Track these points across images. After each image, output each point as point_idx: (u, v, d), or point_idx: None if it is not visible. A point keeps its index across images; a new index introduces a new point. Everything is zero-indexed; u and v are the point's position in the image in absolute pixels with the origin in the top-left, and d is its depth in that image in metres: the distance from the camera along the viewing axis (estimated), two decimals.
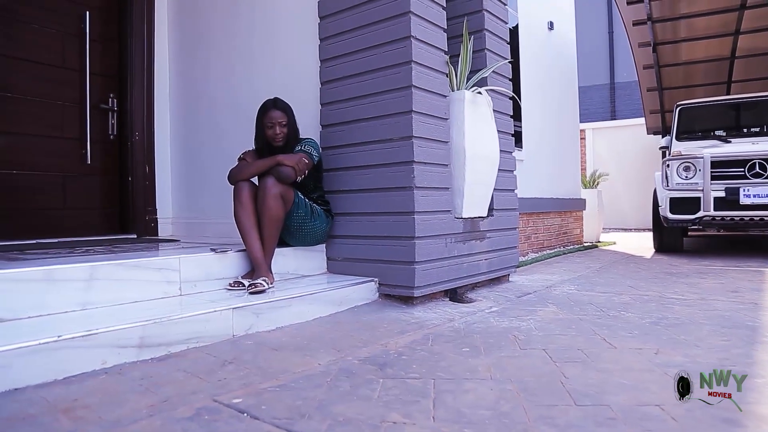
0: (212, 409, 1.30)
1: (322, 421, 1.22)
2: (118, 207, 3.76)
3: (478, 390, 1.43)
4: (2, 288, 1.72)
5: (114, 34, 3.73)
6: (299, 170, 2.37)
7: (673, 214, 4.41)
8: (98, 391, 1.42)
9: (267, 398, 1.37)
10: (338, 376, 1.54)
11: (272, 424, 1.21)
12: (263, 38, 3.21)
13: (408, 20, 2.41)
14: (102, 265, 1.96)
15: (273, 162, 2.36)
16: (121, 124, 3.71)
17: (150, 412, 1.28)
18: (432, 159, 2.51)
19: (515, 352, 1.78)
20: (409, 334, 2.01)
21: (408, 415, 1.26)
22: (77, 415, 1.27)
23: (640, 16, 5.75)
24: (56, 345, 1.50)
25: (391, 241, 2.46)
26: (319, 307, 2.23)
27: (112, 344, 1.60)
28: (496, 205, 3.02)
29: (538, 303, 2.61)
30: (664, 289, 2.95)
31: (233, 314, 1.91)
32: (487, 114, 2.79)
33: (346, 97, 2.64)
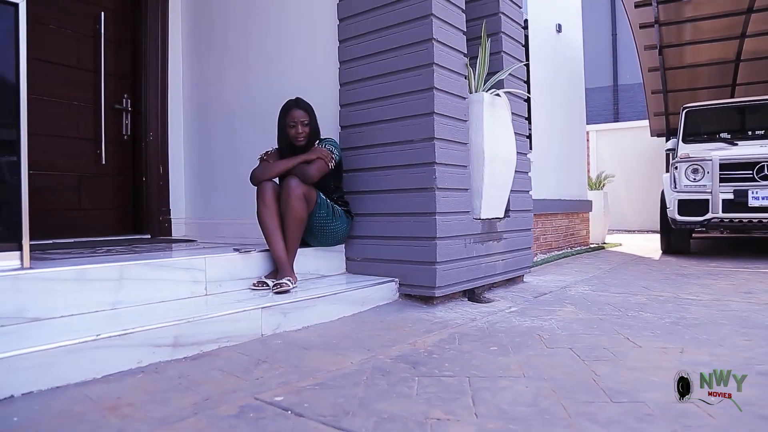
0: (255, 407, 1.32)
1: (367, 418, 1.24)
2: (132, 207, 3.77)
3: (514, 387, 1.45)
4: (38, 287, 1.73)
5: (128, 35, 3.75)
6: (321, 170, 2.39)
7: (681, 215, 4.45)
8: (139, 390, 1.44)
9: (308, 396, 1.38)
10: (373, 374, 1.56)
11: (318, 421, 1.23)
12: (279, 40, 3.23)
13: (430, 23, 2.43)
14: (131, 265, 1.97)
15: (296, 162, 2.38)
16: (135, 124, 3.73)
17: (194, 410, 1.30)
18: (452, 160, 2.53)
19: (543, 351, 1.80)
20: (436, 334, 2.03)
21: (450, 412, 1.28)
22: (123, 413, 1.28)
23: (647, 19, 5.79)
24: (95, 344, 1.52)
25: (412, 242, 2.49)
26: (343, 306, 2.25)
27: (147, 343, 1.62)
28: (512, 207, 3.05)
29: (555, 303, 2.63)
30: (678, 290, 2.98)
31: (262, 314, 1.92)
32: (505, 116, 2.81)
33: (366, 98, 2.66)
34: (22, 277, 1.71)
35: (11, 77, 1.73)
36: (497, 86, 2.89)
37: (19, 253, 1.78)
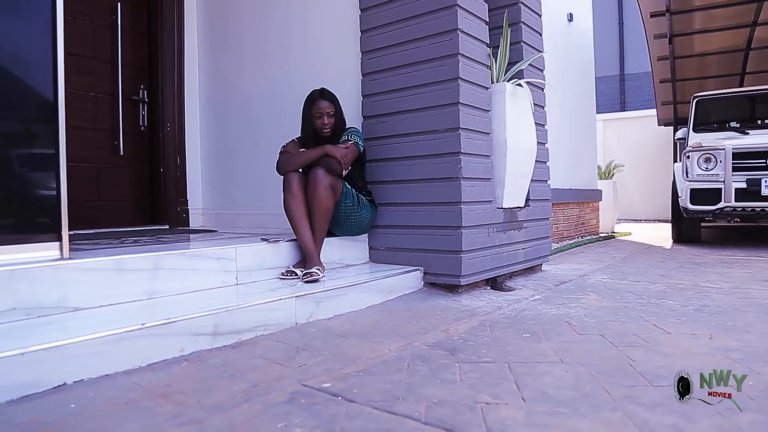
0: (305, 393, 1.35)
1: (417, 403, 1.27)
2: (149, 198, 3.79)
3: (553, 372, 1.48)
4: (78, 278, 1.76)
5: (144, 25, 3.74)
6: (346, 161, 2.41)
7: (693, 204, 4.47)
8: (186, 378, 1.47)
9: (354, 383, 1.41)
10: (414, 361, 1.59)
11: (370, 406, 1.26)
12: (299, 30, 3.23)
13: (455, 13, 2.43)
14: (165, 255, 2.00)
15: (321, 152, 2.39)
16: (151, 115, 3.73)
17: (245, 397, 1.33)
18: (476, 150, 2.55)
19: (574, 338, 1.83)
20: (466, 321, 2.06)
21: (497, 396, 1.31)
22: (176, 400, 1.31)
23: (658, 8, 5.77)
24: (140, 333, 1.54)
25: (437, 231, 2.51)
26: (372, 295, 2.28)
27: (189, 332, 1.65)
28: (532, 196, 3.07)
29: (577, 291, 2.66)
30: (696, 278, 3.01)
31: (296, 303, 1.95)
32: (526, 106, 2.82)
33: (389, 88, 2.67)
34: (64, 268, 1.74)
35: (49, 70, 1.73)
36: (517, 76, 2.90)
37: (58, 244, 1.80)
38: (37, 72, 1.74)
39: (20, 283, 1.64)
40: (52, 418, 1.22)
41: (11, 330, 1.53)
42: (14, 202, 1.76)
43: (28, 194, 1.79)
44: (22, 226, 1.77)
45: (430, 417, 1.19)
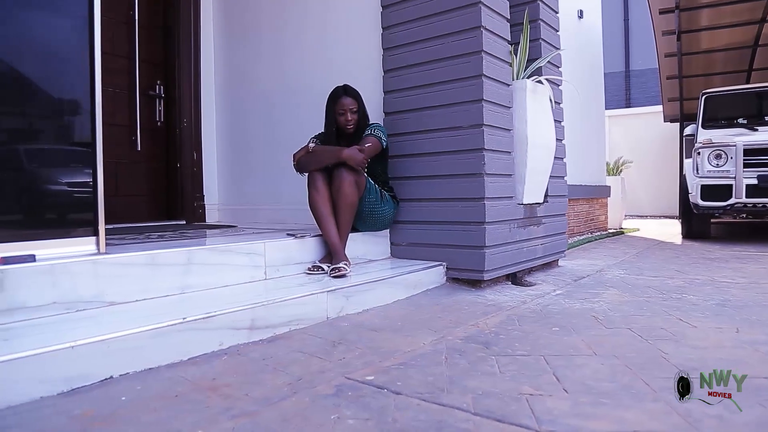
0: (350, 386, 1.37)
1: (463, 395, 1.29)
2: (165, 193, 3.80)
3: (589, 365, 1.50)
4: (114, 272, 1.78)
5: (160, 21, 3.74)
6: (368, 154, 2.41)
7: (704, 201, 4.50)
8: (229, 371, 1.49)
9: (396, 375, 1.44)
10: (450, 354, 1.61)
11: (417, 398, 1.28)
12: (318, 27, 3.24)
13: (479, 10, 2.45)
14: (197, 250, 2.02)
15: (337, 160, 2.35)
16: (168, 111, 3.74)
17: (292, 390, 1.35)
18: (498, 146, 2.57)
19: (603, 332, 1.86)
20: (494, 316, 2.09)
21: (539, 387, 1.34)
22: (224, 393, 1.33)
23: (667, 5, 5.78)
24: (181, 327, 1.56)
25: (460, 227, 2.53)
26: (398, 290, 2.30)
27: (227, 326, 1.67)
28: (550, 192, 3.09)
29: (597, 286, 2.69)
30: (712, 274, 3.04)
31: (327, 297, 1.98)
32: (546, 103, 2.85)
33: (411, 85, 2.68)
34: (101, 262, 1.76)
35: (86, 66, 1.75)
36: (536, 73, 2.92)
37: (95, 239, 1.83)
38: (74, 68, 1.76)
39: (60, 278, 1.66)
40: (106, 411, 1.23)
41: (55, 323, 1.56)
42: (53, 198, 1.78)
43: (66, 190, 1.81)
44: (61, 221, 1.80)
45: (478, 408, 1.22)
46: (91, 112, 1.78)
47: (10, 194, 1.70)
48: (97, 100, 1.78)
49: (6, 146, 1.70)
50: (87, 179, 1.80)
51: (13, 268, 1.57)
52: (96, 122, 1.78)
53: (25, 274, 1.60)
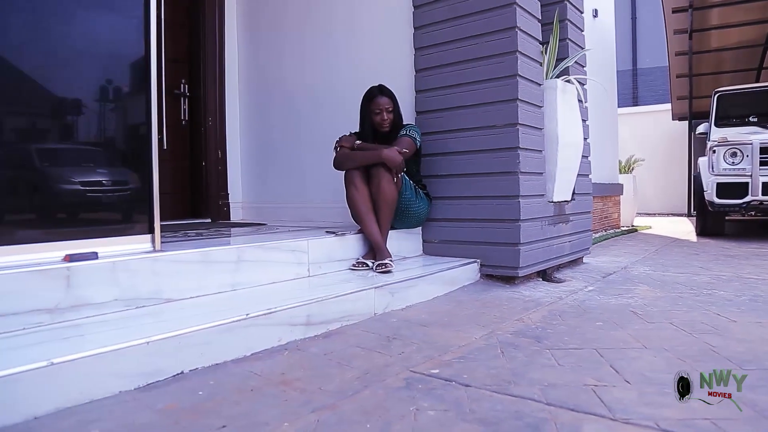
0: (418, 379, 1.41)
1: (530, 386, 1.33)
2: (189, 191, 3.83)
3: (643, 357, 1.55)
4: (170, 269, 1.82)
5: (184, 19, 3.77)
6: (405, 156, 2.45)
7: (719, 198, 4.55)
8: (295, 366, 1.52)
9: (459, 369, 1.48)
10: (505, 348, 1.66)
11: (487, 389, 1.32)
12: (346, 26, 3.28)
13: (513, 11, 2.48)
14: (246, 247, 2.06)
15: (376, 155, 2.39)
16: (192, 109, 3.77)
17: (362, 384, 1.38)
18: (531, 145, 2.61)
19: (646, 326, 1.90)
20: (535, 311, 2.13)
21: (601, 379, 1.38)
22: (298, 387, 1.36)
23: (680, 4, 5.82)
24: (245, 323, 1.60)
25: (494, 224, 2.57)
26: (437, 286, 2.35)
27: (285, 322, 1.71)
28: (576, 190, 3.14)
29: (626, 282, 2.74)
30: (736, 270, 3.09)
31: (375, 294, 2.02)
32: (574, 102, 2.89)
33: (444, 84, 2.72)
34: (158, 260, 1.80)
35: (144, 65, 1.78)
36: (564, 72, 2.96)
37: (151, 236, 1.86)
38: (132, 68, 1.79)
39: (121, 275, 1.70)
40: (188, 404, 1.26)
41: (121, 320, 1.60)
42: (111, 196, 1.81)
43: (123, 188, 1.85)
44: (118, 219, 1.83)
45: (549, 398, 1.26)
46: (147, 112, 1.81)
47: (72, 193, 1.74)
48: (153, 100, 1.81)
49: (68, 146, 1.73)
50: (143, 178, 1.83)
51: (78, 265, 1.61)
52: (152, 122, 1.81)
53: (90, 271, 1.63)
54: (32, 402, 1.18)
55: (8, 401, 1.16)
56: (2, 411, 1.14)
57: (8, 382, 1.15)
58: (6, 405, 1.15)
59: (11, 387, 1.16)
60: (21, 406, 1.17)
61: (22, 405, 1.17)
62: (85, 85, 1.74)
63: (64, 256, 1.63)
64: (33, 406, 1.18)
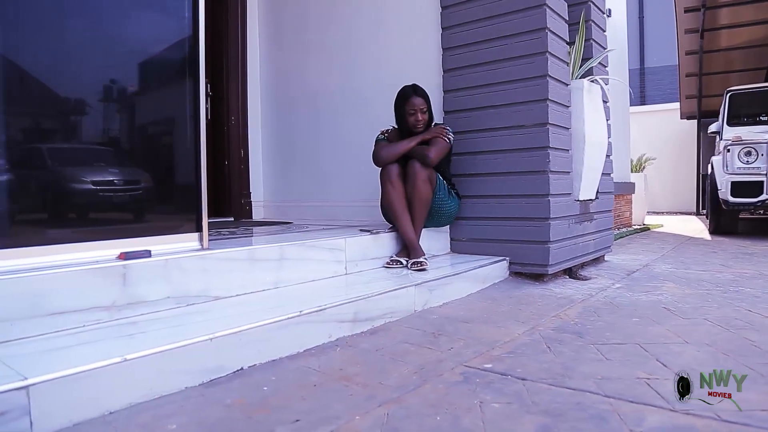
0: (474, 373, 1.44)
1: (584, 380, 1.37)
2: (212, 190, 3.86)
3: (687, 352, 1.59)
4: (218, 267, 1.85)
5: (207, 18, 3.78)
6: (441, 152, 2.49)
7: (734, 197, 4.60)
8: (349, 362, 1.54)
9: (511, 363, 1.51)
10: (550, 343, 1.69)
11: (544, 383, 1.36)
12: (371, 26, 3.31)
13: (543, 12, 2.52)
14: (288, 245, 2.09)
15: (416, 141, 2.46)
16: (215, 108, 3.80)
17: (421, 378, 1.41)
18: (559, 145, 2.65)
19: (682, 322, 1.94)
20: (570, 308, 2.17)
21: (652, 372, 1.42)
22: (359, 382, 1.39)
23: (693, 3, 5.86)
24: (299, 319, 1.63)
25: (524, 222, 2.61)
26: (471, 284, 2.39)
27: (334, 319, 1.74)
28: (600, 189, 3.18)
29: (652, 280, 2.78)
30: (757, 268, 3.13)
31: (415, 291, 2.06)
32: (599, 102, 2.93)
33: (472, 84, 2.76)
34: (207, 258, 1.83)
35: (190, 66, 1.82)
36: (588, 73, 3.00)
37: (198, 234, 1.90)
38: (182, 69, 1.83)
39: (173, 273, 1.73)
40: (255, 399, 1.29)
41: (176, 317, 1.63)
42: (162, 195, 1.85)
43: (172, 187, 1.88)
44: (169, 217, 1.87)
45: (607, 390, 1.30)
46: (194, 113, 1.84)
47: (126, 192, 1.77)
48: (201, 102, 1.85)
49: (120, 147, 1.77)
50: (191, 177, 1.87)
51: (133, 263, 1.64)
52: (200, 123, 1.85)
53: (144, 269, 1.67)
54: (107, 397, 1.21)
55: (85, 396, 1.18)
56: (80, 405, 1.16)
57: (87, 377, 1.18)
58: (83, 399, 1.18)
59: (89, 382, 1.19)
60: (97, 400, 1.20)
61: (98, 400, 1.20)
62: (141, 87, 1.78)
63: (118, 254, 1.67)
64: (107, 400, 1.21)
